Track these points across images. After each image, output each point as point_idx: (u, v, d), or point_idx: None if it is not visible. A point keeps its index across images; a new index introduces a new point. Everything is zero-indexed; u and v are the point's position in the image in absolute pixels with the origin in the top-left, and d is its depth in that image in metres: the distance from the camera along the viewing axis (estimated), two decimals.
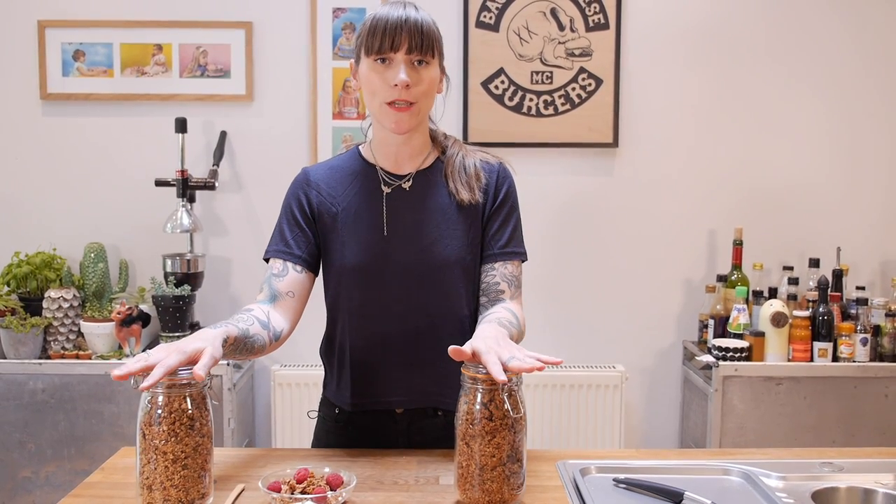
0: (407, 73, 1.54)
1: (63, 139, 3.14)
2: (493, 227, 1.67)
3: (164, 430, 1.28)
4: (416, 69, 1.55)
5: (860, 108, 3.20)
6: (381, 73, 1.55)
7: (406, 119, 1.57)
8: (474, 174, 1.67)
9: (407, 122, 1.58)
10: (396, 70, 1.54)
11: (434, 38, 1.57)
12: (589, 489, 1.45)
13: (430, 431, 1.70)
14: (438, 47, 1.58)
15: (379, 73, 1.55)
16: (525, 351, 1.34)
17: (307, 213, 1.67)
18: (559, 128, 3.15)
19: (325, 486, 1.39)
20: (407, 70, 1.54)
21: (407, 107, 1.56)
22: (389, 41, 1.52)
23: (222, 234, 3.20)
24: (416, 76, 1.55)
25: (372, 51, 1.54)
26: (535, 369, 1.30)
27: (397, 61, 1.54)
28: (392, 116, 1.57)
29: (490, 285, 1.66)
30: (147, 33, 3.10)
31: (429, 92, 1.59)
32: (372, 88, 1.57)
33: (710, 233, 3.23)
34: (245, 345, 1.47)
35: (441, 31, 1.62)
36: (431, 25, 1.57)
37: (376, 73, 1.55)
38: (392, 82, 1.54)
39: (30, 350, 2.83)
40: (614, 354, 3.25)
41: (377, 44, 1.53)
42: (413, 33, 1.53)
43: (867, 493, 1.51)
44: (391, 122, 1.58)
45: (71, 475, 2.78)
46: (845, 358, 2.85)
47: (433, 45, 1.56)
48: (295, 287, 1.63)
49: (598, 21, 3.12)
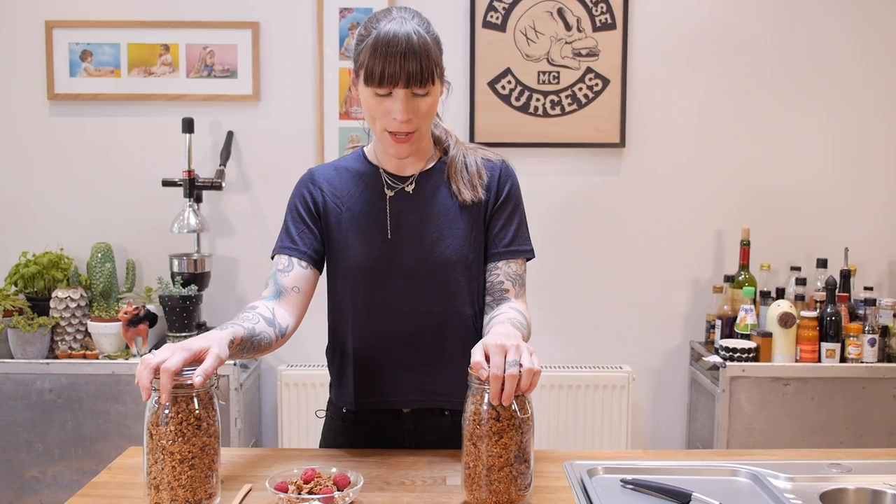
0: (406, 107, 1.52)
1: (70, 139, 3.15)
2: (497, 226, 1.67)
3: (171, 430, 1.28)
4: (415, 100, 1.53)
5: (866, 108, 3.19)
6: (380, 103, 1.54)
7: (406, 148, 1.59)
8: (476, 172, 1.67)
9: (407, 150, 1.59)
10: (396, 104, 1.52)
11: (434, 63, 1.52)
12: (596, 490, 1.45)
13: (438, 431, 1.70)
14: (439, 71, 1.55)
15: (378, 103, 1.54)
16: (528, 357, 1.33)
17: (312, 210, 1.68)
18: (566, 128, 3.15)
19: (333, 486, 1.39)
20: (406, 104, 1.52)
21: (407, 138, 1.57)
22: (389, 79, 1.49)
23: (229, 234, 3.20)
24: (416, 107, 1.54)
25: (371, 82, 1.51)
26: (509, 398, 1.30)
27: (397, 95, 1.52)
28: (393, 146, 1.58)
29: (494, 284, 1.66)
30: (154, 33, 3.10)
31: (429, 115, 1.58)
32: (372, 114, 1.57)
33: (718, 233, 3.22)
34: (252, 344, 1.47)
35: (447, 33, 1.60)
36: (432, 49, 1.52)
37: (376, 102, 1.54)
38: (392, 116, 1.53)
39: (37, 350, 2.84)
40: (621, 355, 3.25)
41: (377, 78, 1.49)
42: (412, 70, 1.49)
43: (876, 495, 1.50)
44: (392, 150, 1.59)
45: (78, 475, 2.79)
46: (853, 359, 2.84)
47: (433, 73, 1.52)
48: (300, 283, 1.63)
49: (605, 21, 3.11)
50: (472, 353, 1.36)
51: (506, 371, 1.30)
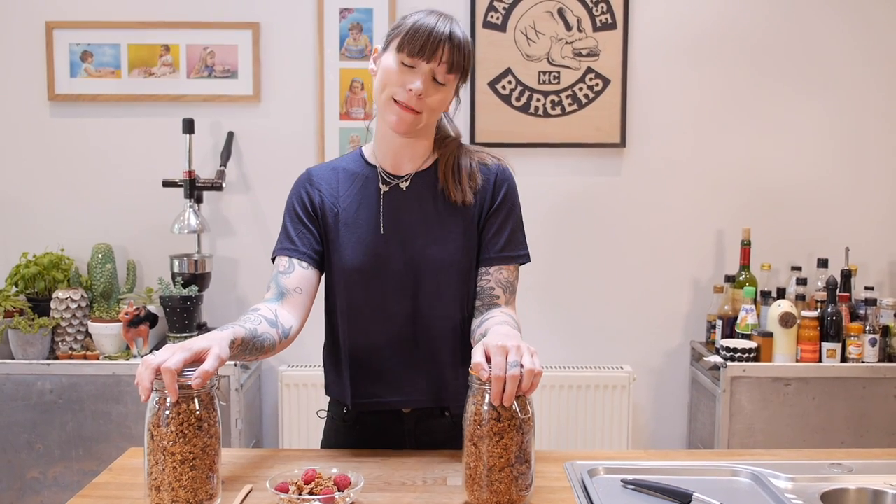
0: (425, 84, 1.55)
1: (71, 140, 3.15)
2: (491, 231, 1.67)
3: (172, 430, 1.28)
4: (434, 84, 1.57)
5: (866, 107, 3.18)
6: (402, 73, 1.56)
7: (407, 119, 1.58)
8: (467, 175, 1.67)
9: (407, 122, 1.58)
10: (417, 77, 1.55)
11: (465, 59, 1.58)
12: (597, 490, 1.45)
13: (438, 432, 1.70)
14: (465, 67, 1.60)
15: (400, 72, 1.56)
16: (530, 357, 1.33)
17: (310, 211, 1.68)
18: (566, 128, 3.15)
19: (333, 486, 1.39)
20: (426, 82, 1.55)
21: (411, 111, 1.57)
22: (427, 51, 1.53)
23: (230, 234, 3.20)
24: (432, 90, 1.57)
25: (405, 51, 1.54)
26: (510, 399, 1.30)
27: (422, 70, 1.55)
28: (395, 112, 1.58)
29: (485, 290, 1.66)
30: (154, 34, 3.11)
31: (437, 110, 1.61)
32: (387, 80, 1.58)
33: (718, 233, 3.22)
34: (254, 345, 1.47)
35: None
36: (468, 47, 1.59)
37: (398, 71, 1.56)
38: (408, 86, 1.55)
39: (38, 351, 2.84)
40: (622, 355, 3.25)
41: (416, 48, 1.53)
42: (447, 51, 1.54)
43: (877, 495, 1.50)
44: (392, 116, 1.58)
45: (79, 476, 2.79)
46: (854, 358, 2.84)
47: (461, 65, 1.58)
48: (302, 283, 1.63)
49: (605, 21, 3.11)
50: (473, 353, 1.36)
51: (507, 372, 1.30)
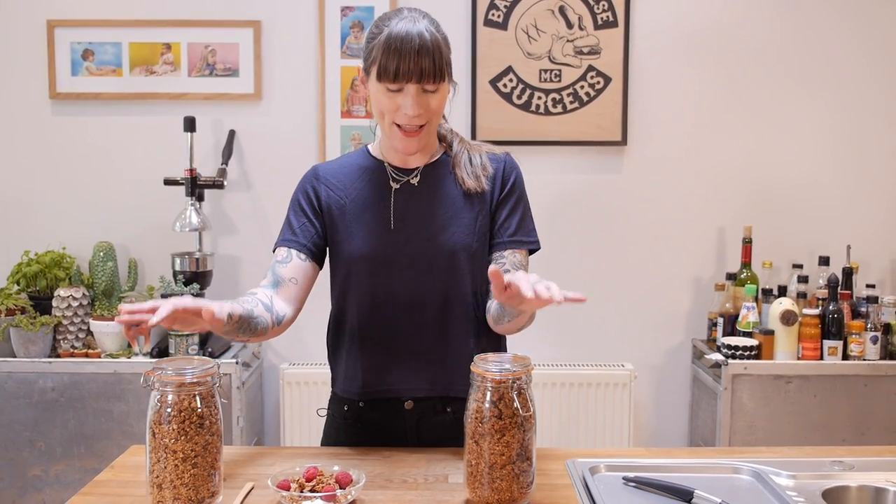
0: (417, 102, 1.55)
1: (72, 138, 3.15)
2: (502, 216, 1.69)
3: (173, 428, 1.28)
4: (425, 95, 1.56)
5: (868, 105, 3.18)
6: (392, 99, 1.56)
7: (415, 142, 1.61)
8: (481, 165, 1.70)
9: (416, 144, 1.61)
10: (407, 99, 1.54)
11: (445, 61, 1.56)
12: (598, 488, 1.45)
13: (439, 428, 1.70)
14: (448, 69, 1.59)
15: (390, 98, 1.56)
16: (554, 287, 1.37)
17: (315, 205, 1.70)
18: (568, 126, 3.15)
19: (335, 484, 1.39)
20: (417, 99, 1.55)
21: (416, 131, 1.59)
22: (403, 75, 1.52)
23: (231, 232, 3.20)
24: (426, 102, 1.57)
25: (385, 78, 1.53)
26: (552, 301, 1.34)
27: (408, 91, 1.54)
28: (402, 141, 1.60)
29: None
30: (156, 32, 3.10)
31: (438, 111, 1.61)
32: (381, 110, 1.59)
33: (719, 230, 3.22)
34: (249, 325, 1.51)
35: (449, 31, 1.62)
36: (443, 47, 1.56)
37: (387, 97, 1.56)
38: (403, 111, 1.55)
39: (39, 349, 2.84)
40: (623, 353, 3.24)
41: (391, 74, 1.52)
42: (425, 66, 1.52)
43: (878, 492, 1.50)
44: (400, 145, 1.61)
45: (80, 473, 2.79)
46: (855, 356, 2.84)
47: (444, 70, 1.56)
48: (298, 274, 1.66)
49: (606, 19, 3.11)
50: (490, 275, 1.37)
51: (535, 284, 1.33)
